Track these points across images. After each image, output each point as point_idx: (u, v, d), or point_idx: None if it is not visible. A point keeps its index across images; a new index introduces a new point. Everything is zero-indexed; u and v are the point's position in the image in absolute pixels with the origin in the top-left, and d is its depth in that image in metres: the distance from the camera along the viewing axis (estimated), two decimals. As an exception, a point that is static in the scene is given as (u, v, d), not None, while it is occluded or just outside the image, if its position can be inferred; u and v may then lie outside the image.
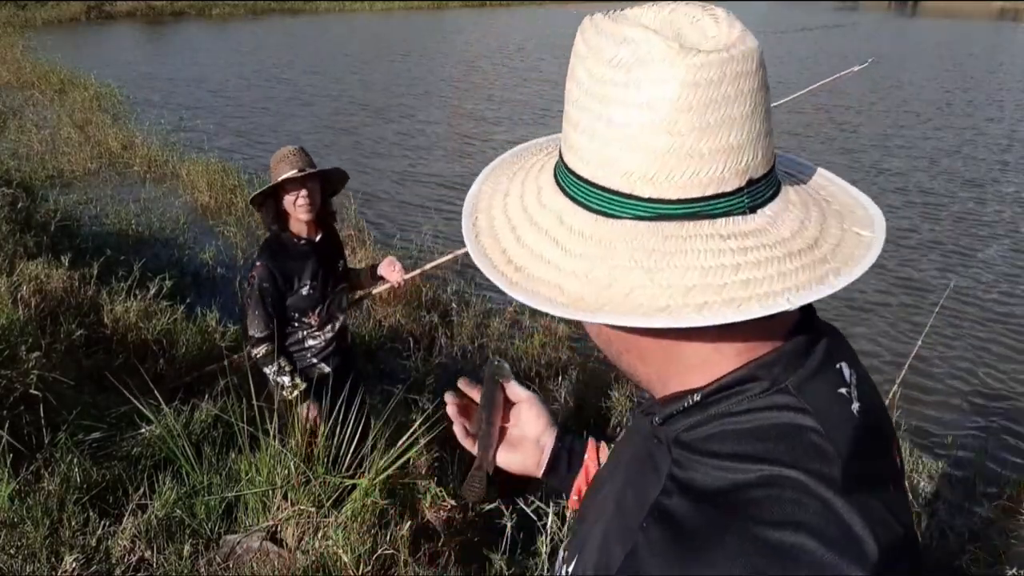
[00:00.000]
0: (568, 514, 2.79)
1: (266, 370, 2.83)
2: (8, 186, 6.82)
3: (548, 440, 1.00)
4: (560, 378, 4.51)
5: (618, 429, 3.98)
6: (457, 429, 1.01)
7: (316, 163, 2.82)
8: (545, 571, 2.76)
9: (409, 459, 2.92)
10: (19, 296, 4.06)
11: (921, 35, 32.92)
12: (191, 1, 31.62)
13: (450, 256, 4.08)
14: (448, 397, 1.02)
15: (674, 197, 0.60)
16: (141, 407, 3.05)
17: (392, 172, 9.59)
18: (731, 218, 0.61)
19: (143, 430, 3.10)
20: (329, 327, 2.94)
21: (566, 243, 0.64)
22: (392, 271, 3.02)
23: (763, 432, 0.60)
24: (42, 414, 2.95)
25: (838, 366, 0.65)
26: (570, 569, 0.76)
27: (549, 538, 2.77)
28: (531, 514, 2.78)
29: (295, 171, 2.67)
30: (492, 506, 2.97)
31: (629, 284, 0.60)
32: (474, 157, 10.14)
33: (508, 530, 2.75)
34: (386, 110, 13.36)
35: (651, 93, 0.58)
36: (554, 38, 25.74)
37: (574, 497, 1.02)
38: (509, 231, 0.69)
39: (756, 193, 0.62)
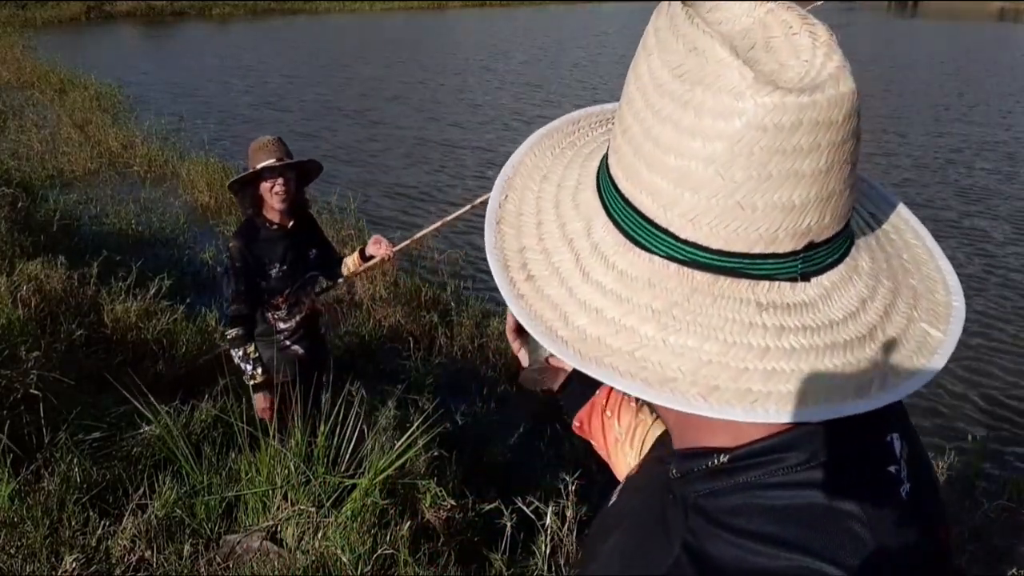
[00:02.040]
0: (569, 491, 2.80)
1: (234, 352, 2.95)
2: (8, 186, 6.81)
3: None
4: (560, 378, 4.50)
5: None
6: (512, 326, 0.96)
7: (293, 154, 2.94)
8: (545, 571, 2.76)
9: (409, 459, 2.93)
10: (19, 296, 4.06)
11: (919, 37, 32.92)
12: (191, 1, 31.63)
13: (437, 224, 4.04)
14: None
15: (714, 247, 0.51)
16: (140, 408, 3.05)
17: (355, 180, 9.59)
18: (776, 283, 0.52)
19: (143, 430, 3.10)
20: (297, 309, 3.04)
21: (587, 263, 0.55)
22: (379, 247, 3.09)
23: (797, 513, 0.51)
24: (42, 414, 2.95)
25: (888, 438, 0.55)
26: None
27: (549, 538, 2.77)
28: (530, 514, 2.78)
29: (273, 160, 2.79)
30: (492, 506, 2.97)
31: (639, 338, 0.52)
32: (446, 167, 10.11)
33: (508, 530, 2.75)
34: (361, 114, 13.36)
35: (710, 124, 0.49)
36: (543, 40, 25.74)
37: (575, 423, 1.03)
38: (534, 226, 0.60)
39: (814, 259, 0.52)
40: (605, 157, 0.59)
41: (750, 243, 0.51)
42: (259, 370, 2.93)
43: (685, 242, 0.52)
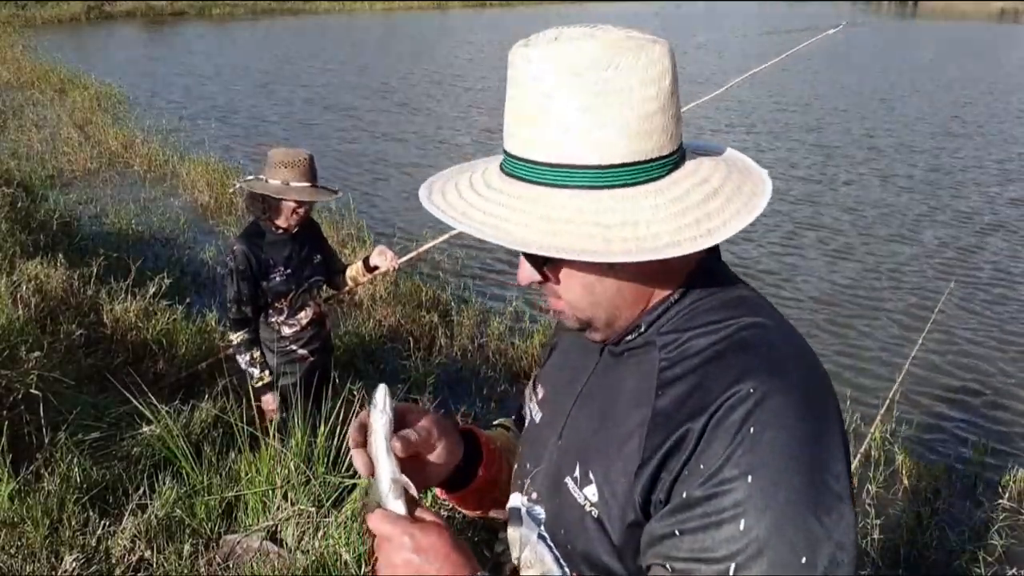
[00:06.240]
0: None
1: (239, 357, 2.97)
2: (8, 186, 6.82)
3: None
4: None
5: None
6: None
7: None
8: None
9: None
10: (19, 296, 4.05)
11: (919, 39, 32.85)
12: (191, 1, 31.63)
13: (443, 237, 4.04)
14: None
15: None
16: (141, 407, 3.05)
17: (356, 180, 9.56)
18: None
19: (143, 430, 3.10)
20: (303, 314, 3.03)
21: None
22: (384, 259, 3.09)
23: (734, 300, 0.82)
24: (42, 414, 2.95)
25: None
26: (592, 493, 0.82)
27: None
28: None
29: (306, 184, 2.80)
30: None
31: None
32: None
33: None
34: (358, 114, 13.34)
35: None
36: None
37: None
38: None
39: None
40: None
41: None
42: (265, 372, 2.96)
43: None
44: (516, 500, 0.98)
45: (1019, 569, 3.21)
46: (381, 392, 0.84)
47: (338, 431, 2.90)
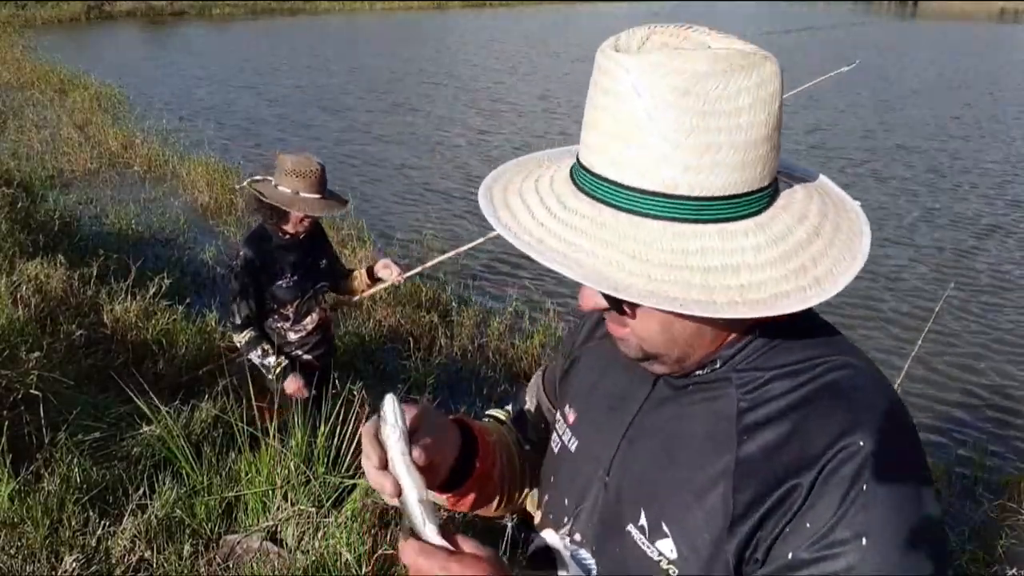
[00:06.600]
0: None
1: (251, 355, 2.94)
2: (8, 186, 6.82)
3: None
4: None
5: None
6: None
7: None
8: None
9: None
10: (19, 296, 4.05)
11: (918, 40, 32.84)
12: (191, 1, 31.62)
13: (451, 254, 4.07)
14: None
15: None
16: (142, 407, 3.05)
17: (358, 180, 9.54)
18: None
19: (143, 430, 3.10)
20: (309, 319, 3.02)
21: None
22: (390, 272, 3.08)
23: (814, 340, 0.77)
24: (42, 414, 2.95)
25: None
26: (668, 548, 0.75)
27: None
28: (531, 512, 2.77)
29: (316, 196, 2.77)
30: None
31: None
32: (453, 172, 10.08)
33: (509, 530, 2.75)
34: (353, 113, 13.31)
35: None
36: (529, 42, 25.72)
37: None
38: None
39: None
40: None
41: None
42: (281, 357, 2.93)
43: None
44: (552, 539, 0.90)
45: (1019, 569, 3.21)
46: (390, 404, 0.76)
47: (338, 431, 2.91)
